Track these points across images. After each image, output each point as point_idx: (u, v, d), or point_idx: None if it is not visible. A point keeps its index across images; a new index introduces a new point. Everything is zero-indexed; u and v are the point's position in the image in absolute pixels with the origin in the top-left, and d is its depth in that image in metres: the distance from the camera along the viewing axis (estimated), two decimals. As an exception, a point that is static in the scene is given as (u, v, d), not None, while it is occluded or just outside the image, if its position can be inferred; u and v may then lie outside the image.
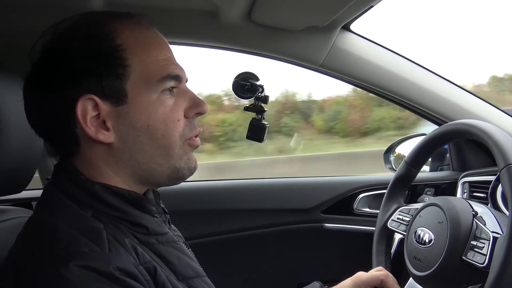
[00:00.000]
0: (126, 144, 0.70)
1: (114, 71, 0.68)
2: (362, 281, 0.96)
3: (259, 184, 1.60)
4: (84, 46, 0.67)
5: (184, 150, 0.73)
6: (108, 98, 0.68)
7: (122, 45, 0.68)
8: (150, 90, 0.69)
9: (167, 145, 0.71)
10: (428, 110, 1.37)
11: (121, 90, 0.68)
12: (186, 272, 0.71)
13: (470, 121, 0.93)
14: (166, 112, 0.71)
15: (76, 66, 0.67)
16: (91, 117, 0.68)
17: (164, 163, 0.72)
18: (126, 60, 0.68)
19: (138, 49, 0.69)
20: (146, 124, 0.69)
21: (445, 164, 1.61)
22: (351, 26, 1.29)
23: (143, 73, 0.69)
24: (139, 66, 0.69)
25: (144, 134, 0.69)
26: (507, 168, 0.78)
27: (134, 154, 0.70)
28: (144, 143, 0.70)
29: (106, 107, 0.68)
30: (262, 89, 1.14)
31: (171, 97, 0.72)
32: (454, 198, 0.96)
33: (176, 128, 0.72)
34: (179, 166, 0.73)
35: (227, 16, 1.17)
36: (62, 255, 0.58)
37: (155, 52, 0.71)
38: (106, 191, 0.69)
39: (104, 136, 0.69)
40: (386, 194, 1.15)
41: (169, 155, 0.72)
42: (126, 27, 0.70)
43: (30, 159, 0.90)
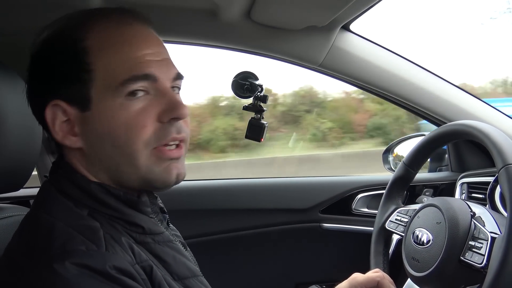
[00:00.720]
0: (93, 150, 0.68)
1: (78, 76, 0.66)
2: (358, 283, 0.95)
3: (257, 184, 1.60)
4: (57, 50, 0.67)
5: (153, 160, 0.68)
6: (74, 103, 0.67)
7: (86, 48, 0.66)
8: (114, 95, 0.66)
9: (131, 154, 0.67)
10: (427, 111, 1.37)
11: (85, 96, 0.67)
12: (181, 272, 0.71)
13: (468, 122, 0.93)
14: (130, 118, 0.66)
15: (47, 71, 0.68)
16: (61, 122, 0.68)
17: (131, 172, 0.68)
18: (90, 65, 0.66)
19: (104, 51, 0.67)
20: (107, 131, 0.66)
21: (444, 165, 1.61)
22: (351, 26, 1.29)
23: (106, 77, 0.66)
24: (103, 69, 0.66)
25: (106, 141, 0.67)
26: (505, 168, 0.78)
27: (102, 161, 0.69)
28: (108, 150, 0.67)
29: (74, 112, 0.67)
30: (261, 88, 1.14)
31: (140, 101, 0.67)
32: (452, 199, 0.96)
33: (139, 135, 0.66)
34: (150, 177, 0.68)
35: (227, 15, 1.17)
36: (58, 253, 0.58)
37: (125, 51, 0.67)
38: (102, 190, 0.68)
39: (70, 142, 0.68)
40: (384, 195, 1.15)
41: (134, 164, 0.67)
42: (100, 27, 0.68)
43: (28, 157, 0.90)
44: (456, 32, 8.36)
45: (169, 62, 0.72)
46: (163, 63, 0.70)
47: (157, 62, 0.69)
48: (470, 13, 8.85)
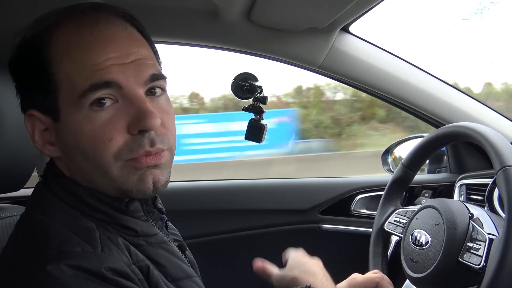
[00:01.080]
0: (69, 160, 0.67)
1: (44, 87, 0.63)
2: (357, 283, 0.95)
3: (256, 185, 1.60)
4: (23, 58, 0.65)
5: (129, 170, 0.63)
6: (47, 113, 0.65)
7: (49, 56, 0.63)
8: (77, 106, 0.61)
9: (101, 166, 0.63)
10: (426, 112, 1.38)
11: (54, 107, 0.64)
12: (175, 273, 0.70)
13: (467, 123, 0.93)
14: (95, 131, 0.61)
15: (20, 80, 0.67)
16: (40, 130, 0.67)
17: (107, 184, 0.65)
18: (53, 75, 0.63)
19: (66, 59, 0.62)
20: (75, 144, 0.63)
21: (443, 166, 1.62)
22: (350, 28, 1.29)
23: (68, 88, 0.62)
24: (65, 79, 0.62)
25: (77, 154, 0.64)
26: (503, 170, 0.79)
27: (79, 171, 0.67)
28: (81, 163, 0.64)
29: (49, 122, 0.66)
30: (261, 89, 1.14)
31: (106, 111, 0.62)
32: (451, 201, 0.96)
33: (106, 148, 0.62)
34: (125, 187, 0.64)
35: (227, 16, 1.17)
36: (54, 255, 0.58)
37: (84, 59, 0.61)
38: (91, 195, 0.66)
39: (49, 151, 0.67)
40: (383, 196, 1.15)
41: (108, 176, 0.64)
42: (61, 32, 0.64)
43: (28, 157, 0.90)
44: (456, 33, 8.38)
45: (140, 63, 0.64)
46: (131, 65, 0.63)
47: (122, 66, 0.62)
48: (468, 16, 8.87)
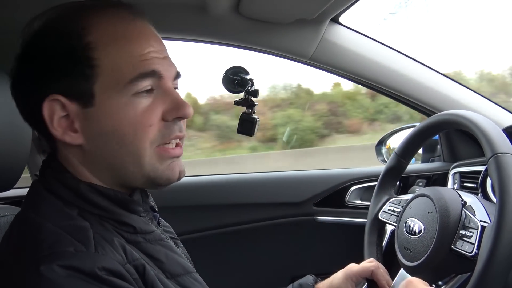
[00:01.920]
0: (96, 147, 0.67)
1: (81, 71, 0.64)
2: (353, 273, 0.96)
3: (251, 178, 1.60)
4: (55, 43, 0.64)
5: (156, 159, 0.67)
6: (75, 99, 0.65)
7: (91, 42, 0.64)
8: (120, 92, 0.64)
9: (137, 152, 0.66)
10: (417, 101, 1.38)
11: (88, 92, 0.64)
12: (174, 270, 0.70)
13: (458, 111, 0.93)
14: (137, 117, 0.65)
15: (46, 64, 0.65)
16: (59, 117, 0.65)
17: (136, 171, 0.67)
18: (95, 60, 0.64)
19: (110, 46, 0.64)
20: (114, 129, 0.65)
21: (436, 155, 1.62)
22: (340, 19, 1.29)
23: (113, 74, 0.64)
24: (109, 66, 0.64)
25: (112, 139, 0.65)
26: (494, 157, 0.79)
27: (105, 159, 0.67)
28: (113, 148, 0.66)
29: (74, 108, 0.65)
30: (252, 83, 1.14)
31: (146, 99, 0.66)
32: (443, 189, 0.96)
33: (146, 134, 0.66)
34: (154, 175, 0.68)
35: (215, 9, 1.16)
36: (46, 255, 0.57)
37: (130, 48, 0.65)
38: (92, 190, 0.67)
39: (71, 138, 0.66)
40: (377, 185, 1.15)
41: (139, 163, 0.67)
42: (101, 21, 0.66)
43: (18, 156, 0.89)
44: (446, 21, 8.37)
45: (170, 60, 0.70)
46: (166, 61, 0.69)
47: (161, 60, 0.68)
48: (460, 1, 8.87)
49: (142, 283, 0.63)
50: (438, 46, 6.94)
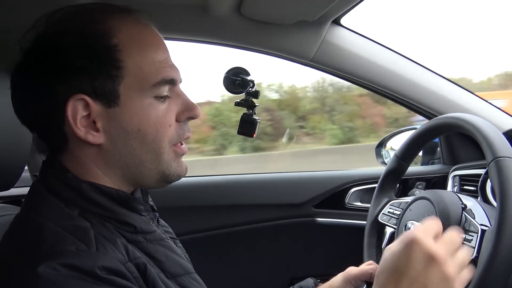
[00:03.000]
0: (116, 146, 0.68)
1: (107, 72, 0.65)
2: (352, 276, 0.96)
3: (251, 180, 1.60)
4: (79, 43, 0.65)
5: (172, 156, 0.72)
6: (99, 99, 0.66)
7: (118, 45, 0.66)
8: (144, 94, 0.68)
9: (157, 151, 0.70)
10: (418, 104, 1.38)
11: (113, 92, 0.66)
12: (174, 270, 0.71)
13: (459, 114, 0.93)
14: (158, 117, 0.69)
15: (69, 63, 0.65)
16: (81, 117, 0.66)
17: (153, 168, 0.71)
18: (121, 62, 0.66)
19: (134, 50, 0.67)
20: (137, 128, 0.68)
21: (436, 158, 1.62)
22: (341, 21, 1.29)
23: (137, 76, 0.67)
24: (134, 68, 0.67)
25: (134, 138, 0.68)
26: (495, 161, 0.79)
27: (123, 157, 0.69)
28: (134, 147, 0.68)
29: (97, 108, 0.66)
30: (253, 84, 1.14)
31: (165, 102, 0.70)
32: (444, 192, 0.96)
33: (166, 133, 0.70)
34: (169, 172, 0.72)
35: (217, 10, 1.17)
36: (48, 254, 0.58)
37: (152, 54, 0.69)
38: (94, 190, 0.67)
39: (93, 137, 0.67)
40: (377, 188, 1.15)
41: (158, 160, 0.70)
42: (124, 25, 0.67)
43: (18, 156, 0.89)
44: (447, 24, 8.38)
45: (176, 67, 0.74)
46: (175, 67, 0.73)
47: (173, 67, 0.72)
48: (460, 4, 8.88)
49: (143, 282, 0.64)
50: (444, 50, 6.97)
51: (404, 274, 0.63)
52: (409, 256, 0.64)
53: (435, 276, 0.63)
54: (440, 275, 0.63)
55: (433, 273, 0.63)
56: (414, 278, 0.63)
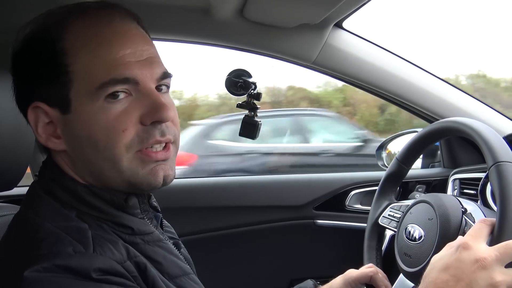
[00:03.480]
0: (76, 153, 0.67)
1: (57, 78, 0.64)
2: (352, 279, 0.96)
3: (251, 181, 1.60)
4: (34, 50, 0.65)
5: (137, 163, 0.65)
6: (55, 105, 0.65)
7: (64, 49, 0.64)
8: (92, 98, 0.63)
9: (112, 158, 0.64)
10: (419, 108, 1.39)
11: (64, 98, 0.64)
12: (172, 271, 0.70)
13: (460, 119, 0.94)
14: (109, 122, 0.63)
15: (28, 72, 0.66)
16: (44, 123, 0.66)
17: (115, 176, 0.66)
18: (68, 66, 0.64)
19: (83, 52, 0.64)
20: (87, 135, 0.64)
21: (437, 161, 1.63)
22: (344, 24, 1.29)
23: (84, 79, 0.63)
24: (81, 71, 0.64)
25: (86, 146, 0.65)
26: (495, 166, 0.79)
27: (85, 165, 0.67)
28: (90, 155, 0.65)
29: (55, 114, 0.65)
30: (255, 86, 1.14)
31: (120, 103, 0.64)
32: (444, 195, 0.97)
33: (120, 139, 0.64)
34: (135, 180, 0.66)
35: (220, 13, 1.17)
36: (44, 254, 0.58)
37: (103, 52, 0.64)
38: (89, 193, 0.67)
39: (54, 144, 0.67)
40: (378, 190, 1.15)
41: (116, 168, 0.65)
42: (75, 26, 0.65)
43: (21, 156, 0.89)
44: (450, 28, 8.39)
45: (153, 61, 0.67)
46: (146, 63, 0.66)
47: (139, 63, 0.65)
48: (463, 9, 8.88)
49: (143, 281, 0.64)
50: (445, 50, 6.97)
51: (452, 275, 0.66)
52: (458, 258, 0.67)
53: (482, 281, 0.64)
54: (487, 281, 0.64)
55: (480, 277, 0.64)
56: (460, 279, 0.65)
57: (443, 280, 0.67)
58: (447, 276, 0.67)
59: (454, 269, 0.67)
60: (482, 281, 0.65)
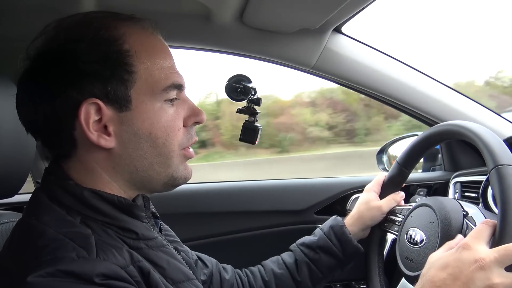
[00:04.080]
0: (127, 150, 0.69)
1: (120, 77, 0.67)
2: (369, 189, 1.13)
3: (252, 186, 1.60)
4: (91, 48, 0.66)
5: (180, 160, 0.74)
6: (112, 103, 0.67)
7: (130, 50, 0.68)
8: (154, 98, 0.70)
9: (167, 154, 0.72)
10: (419, 111, 1.39)
11: (125, 96, 0.68)
12: (176, 276, 0.72)
13: (460, 122, 0.94)
14: (168, 121, 0.71)
15: (82, 68, 0.66)
16: (93, 121, 0.67)
17: (162, 171, 0.72)
18: (132, 66, 0.68)
19: (144, 56, 0.69)
20: (148, 132, 0.69)
21: (437, 164, 1.63)
22: (343, 29, 1.30)
23: (148, 81, 0.69)
24: (145, 73, 0.69)
25: (145, 142, 0.70)
26: (496, 169, 0.79)
27: (133, 161, 0.70)
28: (145, 151, 0.70)
29: (109, 112, 0.67)
30: (254, 91, 1.14)
31: (172, 106, 0.72)
32: (445, 199, 0.97)
33: (176, 137, 0.72)
34: (176, 175, 0.74)
35: (220, 19, 1.18)
36: (48, 260, 0.58)
37: (160, 60, 0.71)
38: (95, 197, 0.68)
39: (105, 142, 0.68)
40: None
41: (167, 163, 0.72)
42: (133, 32, 0.70)
43: (22, 163, 0.90)
44: (449, 31, 8.41)
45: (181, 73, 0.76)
46: (180, 74, 0.75)
47: (180, 73, 0.74)
48: (462, 12, 8.91)
49: (146, 286, 0.64)
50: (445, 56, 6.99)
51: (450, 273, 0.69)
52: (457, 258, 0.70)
53: (479, 281, 0.66)
54: (484, 282, 0.66)
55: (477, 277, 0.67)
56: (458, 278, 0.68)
57: (440, 278, 0.70)
58: (445, 274, 0.69)
59: (452, 268, 0.70)
60: (480, 282, 0.67)
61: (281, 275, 1.05)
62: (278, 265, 1.07)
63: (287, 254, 1.10)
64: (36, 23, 0.71)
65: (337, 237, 1.06)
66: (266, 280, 1.05)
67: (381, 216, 1.08)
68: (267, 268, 1.07)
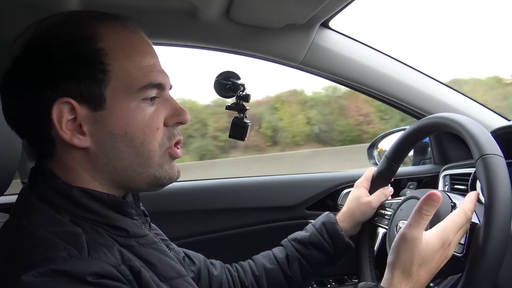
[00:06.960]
0: (103, 150, 0.69)
1: (93, 76, 0.66)
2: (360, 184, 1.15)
3: (242, 183, 1.59)
4: (64, 47, 0.66)
5: (165, 159, 0.73)
6: (85, 102, 0.66)
7: (104, 49, 0.67)
8: (130, 98, 0.68)
9: (146, 154, 0.70)
10: (407, 104, 1.40)
11: (99, 95, 0.67)
12: (168, 273, 0.71)
13: (446, 114, 0.94)
14: (145, 120, 0.69)
15: (55, 67, 0.66)
16: (67, 120, 0.66)
17: (142, 172, 0.71)
18: (106, 65, 0.67)
19: (120, 54, 0.68)
20: (123, 131, 0.68)
21: (427, 158, 1.64)
22: (330, 23, 1.30)
23: (123, 80, 0.68)
24: (120, 72, 0.67)
25: (121, 141, 0.68)
26: (481, 159, 0.79)
27: (111, 161, 0.69)
28: (122, 150, 0.69)
29: (83, 111, 0.67)
30: (243, 88, 1.14)
31: (151, 105, 0.71)
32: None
33: (154, 137, 0.70)
34: (159, 175, 0.72)
35: (206, 15, 1.17)
36: (39, 259, 0.58)
37: (139, 58, 0.69)
38: (84, 195, 0.67)
39: (79, 141, 0.67)
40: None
41: (148, 164, 0.71)
42: (110, 30, 0.69)
43: (8, 163, 0.89)
44: (435, 25, 8.45)
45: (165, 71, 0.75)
46: (164, 72, 0.74)
47: (162, 72, 0.73)
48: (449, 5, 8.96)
49: (137, 284, 0.64)
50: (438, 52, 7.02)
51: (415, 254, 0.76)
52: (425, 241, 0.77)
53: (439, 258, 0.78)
54: (444, 257, 0.78)
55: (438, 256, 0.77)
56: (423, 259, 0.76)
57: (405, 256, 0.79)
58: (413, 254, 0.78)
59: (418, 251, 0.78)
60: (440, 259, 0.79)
61: (272, 270, 1.05)
62: (269, 260, 1.07)
63: (278, 249, 1.10)
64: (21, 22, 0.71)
65: (329, 234, 1.06)
66: (257, 275, 1.04)
67: (371, 212, 1.08)
68: (258, 263, 1.07)
